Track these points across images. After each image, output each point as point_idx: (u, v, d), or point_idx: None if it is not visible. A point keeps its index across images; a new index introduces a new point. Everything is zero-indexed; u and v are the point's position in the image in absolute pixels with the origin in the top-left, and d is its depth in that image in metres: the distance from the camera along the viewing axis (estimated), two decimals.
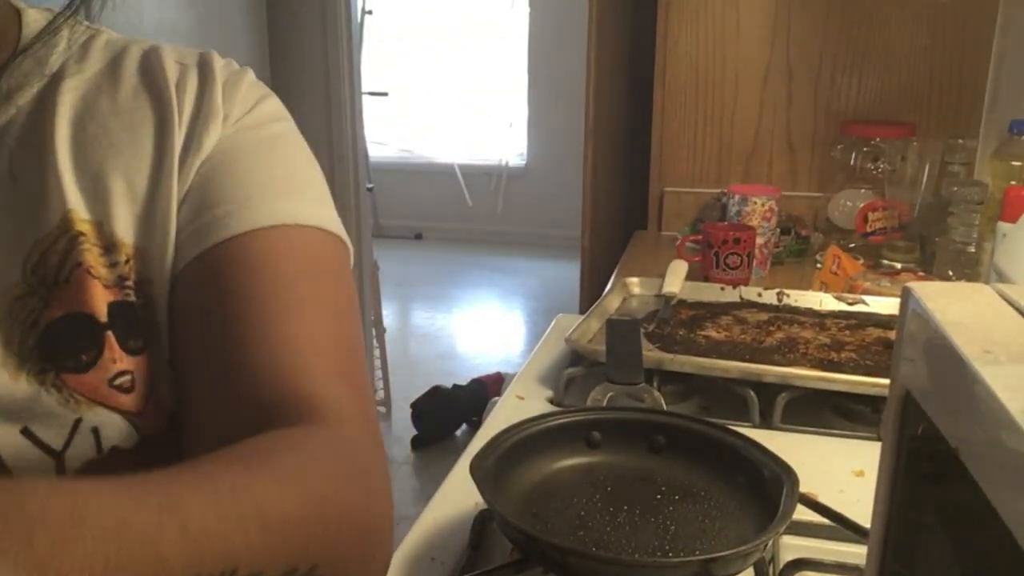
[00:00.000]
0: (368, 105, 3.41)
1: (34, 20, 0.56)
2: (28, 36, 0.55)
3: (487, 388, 3.09)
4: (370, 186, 4.68)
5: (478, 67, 5.69)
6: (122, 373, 0.46)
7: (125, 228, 0.49)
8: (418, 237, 5.94)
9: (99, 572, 0.28)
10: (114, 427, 0.46)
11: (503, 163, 5.75)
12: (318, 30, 2.59)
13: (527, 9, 5.41)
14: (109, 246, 0.48)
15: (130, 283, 0.48)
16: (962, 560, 0.42)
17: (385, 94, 5.75)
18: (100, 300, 0.47)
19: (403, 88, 5.82)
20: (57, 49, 0.55)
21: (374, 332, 3.08)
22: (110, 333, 0.47)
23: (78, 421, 0.45)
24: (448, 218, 5.90)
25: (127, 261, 0.49)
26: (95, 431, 0.45)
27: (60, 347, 0.46)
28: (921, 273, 1.54)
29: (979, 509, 0.35)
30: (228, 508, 0.35)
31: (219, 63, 0.58)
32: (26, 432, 0.44)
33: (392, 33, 5.72)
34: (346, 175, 2.67)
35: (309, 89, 2.64)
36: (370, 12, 5.50)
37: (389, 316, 4.15)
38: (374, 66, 5.68)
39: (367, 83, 3.49)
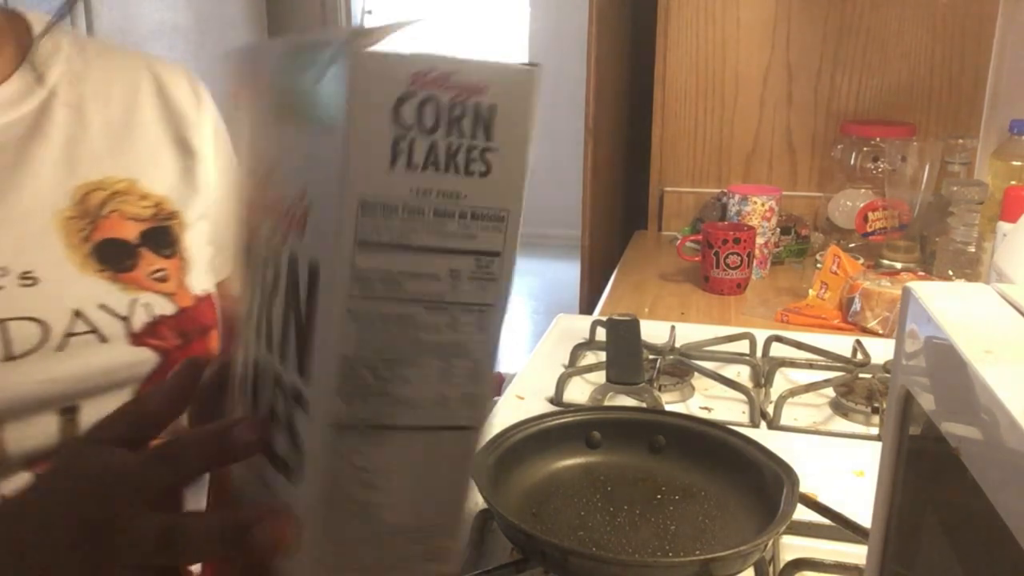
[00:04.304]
0: None
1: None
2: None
3: None
4: None
5: None
6: (158, 270, 0.68)
7: (150, 185, 0.71)
8: None
9: None
10: (158, 303, 0.67)
11: None
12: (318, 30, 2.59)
13: (527, 9, 5.41)
14: (142, 196, 0.70)
15: (161, 215, 0.70)
16: (962, 560, 0.42)
17: None
18: (132, 230, 0.68)
19: None
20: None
21: None
22: (143, 248, 0.68)
23: (134, 300, 0.66)
24: None
25: (156, 204, 0.70)
26: (146, 305, 0.66)
27: (109, 258, 0.66)
28: (921, 273, 1.54)
29: (979, 509, 0.35)
30: None
31: None
32: (103, 307, 0.64)
33: None
34: None
35: None
36: (370, 12, 5.50)
37: None
38: None
39: None
